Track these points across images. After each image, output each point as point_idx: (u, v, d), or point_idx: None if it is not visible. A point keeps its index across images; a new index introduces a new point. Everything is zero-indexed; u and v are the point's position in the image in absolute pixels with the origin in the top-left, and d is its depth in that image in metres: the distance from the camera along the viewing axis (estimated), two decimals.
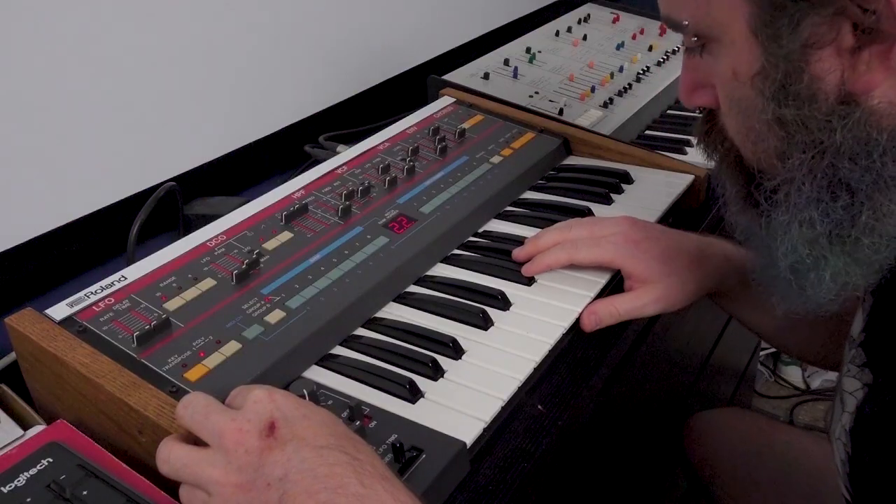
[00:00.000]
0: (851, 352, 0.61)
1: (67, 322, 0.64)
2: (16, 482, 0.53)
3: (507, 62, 1.24)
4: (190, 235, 0.75)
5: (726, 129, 0.59)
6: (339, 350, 0.69)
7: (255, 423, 0.49)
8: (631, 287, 0.76)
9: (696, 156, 1.05)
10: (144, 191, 0.93)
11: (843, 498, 0.61)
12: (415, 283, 0.78)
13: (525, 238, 0.84)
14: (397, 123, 1.00)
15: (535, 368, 0.67)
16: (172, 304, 0.67)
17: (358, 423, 0.58)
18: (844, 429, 0.60)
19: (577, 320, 0.74)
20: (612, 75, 1.25)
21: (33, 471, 0.54)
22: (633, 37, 1.41)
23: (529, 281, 0.78)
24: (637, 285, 0.76)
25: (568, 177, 0.98)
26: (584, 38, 1.38)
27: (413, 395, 0.63)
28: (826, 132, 0.50)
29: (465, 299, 0.75)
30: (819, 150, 0.51)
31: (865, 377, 0.58)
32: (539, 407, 0.66)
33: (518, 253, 0.79)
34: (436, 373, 0.66)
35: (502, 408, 0.63)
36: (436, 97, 1.10)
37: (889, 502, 0.55)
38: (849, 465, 0.59)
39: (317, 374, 0.66)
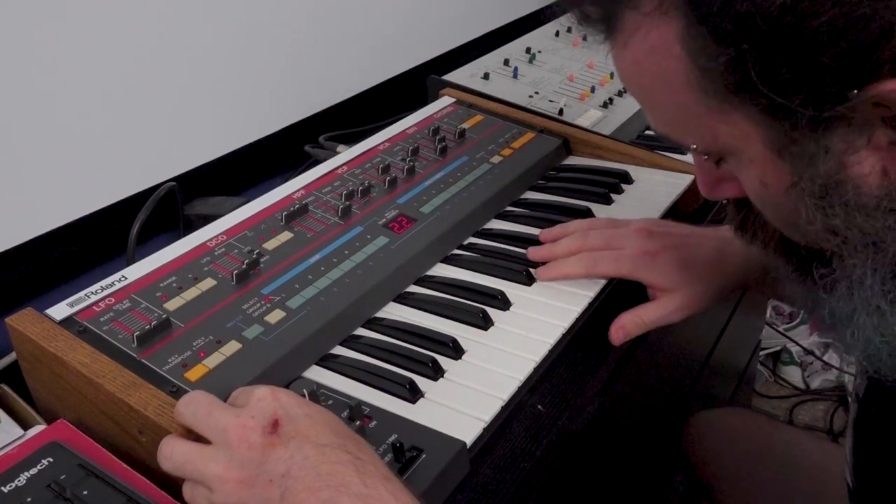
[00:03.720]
0: None
1: (68, 322, 0.64)
2: (16, 482, 0.53)
3: (507, 62, 1.24)
4: (190, 235, 0.75)
5: (764, 215, 0.56)
6: (339, 350, 0.69)
7: (258, 419, 0.49)
8: (654, 296, 0.76)
9: None
10: (144, 191, 0.93)
11: (846, 484, 0.61)
12: (415, 283, 0.78)
13: (525, 237, 0.84)
14: (397, 123, 1.00)
15: (535, 368, 0.67)
16: (172, 304, 0.67)
17: (358, 423, 0.58)
18: (851, 420, 0.60)
19: (578, 320, 0.74)
20: (611, 75, 1.25)
21: (34, 470, 0.54)
22: None
23: (529, 281, 0.78)
24: (659, 294, 0.75)
25: (568, 177, 0.98)
26: (584, 38, 1.38)
27: (413, 395, 0.63)
28: (883, 229, 0.47)
29: (465, 299, 0.75)
30: (879, 248, 0.48)
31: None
32: (539, 407, 0.66)
33: (534, 254, 0.79)
34: (436, 373, 0.66)
35: (502, 408, 0.63)
36: (436, 97, 1.10)
37: (887, 493, 0.55)
38: (852, 455, 0.59)
39: (317, 374, 0.66)
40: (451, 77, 1.16)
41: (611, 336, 0.73)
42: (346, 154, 0.92)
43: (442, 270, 0.80)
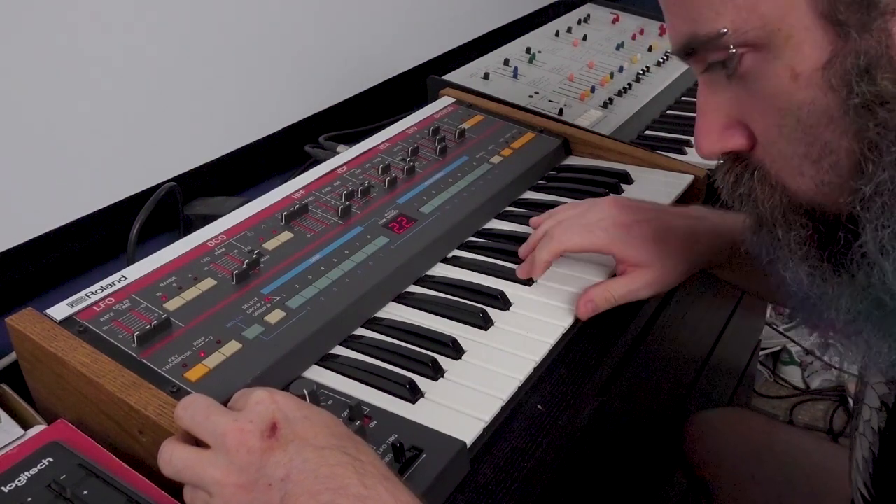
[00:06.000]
0: None
1: (68, 322, 0.64)
2: (16, 482, 0.53)
3: (507, 62, 1.24)
4: (190, 235, 0.75)
5: (767, 165, 0.52)
6: (339, 350, 0.69)
7: (256, 423, 0.49)
8: (624, 271, 0.75)
9: (696, 156, 1.05)
10: (144, 191, 0.93)
11: (861, 496, 0.60)
12: (415, 283, 0.78)
13: (526, 236, 0.84)
14: (397, 123, 1.00)
15: (535, 368, 0.67)
16: (173, 304, 0.67)
17: (358, 423, 0.58)
18: (872, 428, 0.59)
19: (578, 321, 0.74)
20: (611, 75, 1.25)
21: (34, 470, 0.54)
22: (633, 37, 1.41)
23: (529, 281, 0.78)
24: (630, 269, 0.75)
25: (568, 177, 0.98)
26: (584, 38, 1.38)
27: (413, 395, 0.63)
28: None
29: (465, 299, 0.75)
30: None
31: (893, 373, 0.56)
32: (539, 407, 0.66)
33: (520, 271, 0.78)
34: (436, 373, 0.66)
35: (502, 408, 0.63)
36: (436, 97, 1.10)
37: None
38: (872, 465, 0.58)
39: (317, 374, 0.66)
40: (451, 77, 1.16)
41: (578, 310, 0.73)
42: (346, 154, 0.92)
43: (442, 270, 0.80)
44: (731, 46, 0.48)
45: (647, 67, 1.30)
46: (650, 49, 1.36)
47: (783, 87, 0.48)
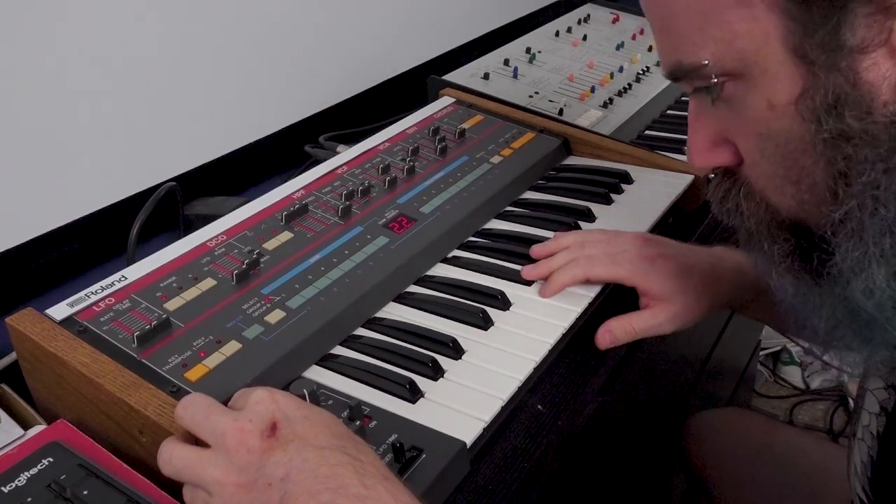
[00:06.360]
0: None
1: (68, 322, 0.64)
2: (16, 482, 0.53)
3: (507, 62, 1.24)
4: (190, 235, 0.75)
5: (752, 182, 0.55)
6: (339, 350, 0.69)
7: (256, 423, 0.49)
8: (647, 304, 0.75)
9: None
10: (144, 191, 0.93)
11: (860, 500, 0.60)
12: (415, 283, 0.78)
13: (525, 236, 0.84)
14: (397, 123, 1.00)
15: (534, 368, 0.67)
16: (173, 304, 0.67)
17: (358, 423, 0.58)
18: (871, 432, 0.59)
19: (578, 321, 0.74)
20: (611, 75, 1.25)
21: (34, 470, 0.54)
22: (633, 37, 1.41)
23: (529, 281, 0.78)
24: (652, 303, 0.75)
25: (568, 177, 0.98)
26: (584, 38, 1.38)
27: (413, 395, 0.63)
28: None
29: (465, 299, 0.75)
30: (892, 164, 0.46)
31: (894, 377, 0.57)
32: (539, 407, 0.66)
33: (530, 272, 0.78)
34: (436, 373, 0.66)
35: (502, 408, 0.63)
36: (436, 97, 1.10)
37: None
38: (871, 469, 0.58)
39: (317, 374, 0.66)
40: (451, 77, 1.16)
41: (597, 339, 0.73)
42: (346, 154, 0.92)
43: (442, 270, 0.80)
44: (713, 76, 0.51)
45: (647, 67, 1.30)
46: (650, 49, 1.36)
47: (761, 115, 0.50)
